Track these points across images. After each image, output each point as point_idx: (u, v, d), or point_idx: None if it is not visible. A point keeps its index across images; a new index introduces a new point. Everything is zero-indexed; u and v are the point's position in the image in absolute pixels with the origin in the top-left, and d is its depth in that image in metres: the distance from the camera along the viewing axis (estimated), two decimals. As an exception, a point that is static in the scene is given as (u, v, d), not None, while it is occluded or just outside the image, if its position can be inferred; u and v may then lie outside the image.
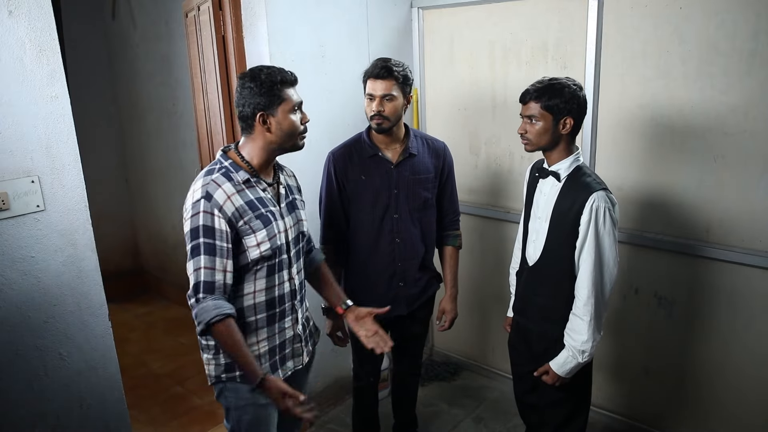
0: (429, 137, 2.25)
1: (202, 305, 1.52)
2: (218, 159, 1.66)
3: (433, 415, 2.87)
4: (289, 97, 1.62)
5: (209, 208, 1.54)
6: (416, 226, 2.18)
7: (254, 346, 1.68)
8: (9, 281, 1.76)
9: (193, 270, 1.55)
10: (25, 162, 1.76)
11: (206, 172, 1.62)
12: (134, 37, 3.95)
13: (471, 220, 2.98)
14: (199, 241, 1.53)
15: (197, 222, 1.54)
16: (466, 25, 2.77)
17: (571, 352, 1.85)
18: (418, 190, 2.15)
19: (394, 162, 2.12)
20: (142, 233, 4.53)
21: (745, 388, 2.30)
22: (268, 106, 1.59)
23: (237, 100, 1.63)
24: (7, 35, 1.68)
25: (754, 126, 2.08)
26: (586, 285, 1.80)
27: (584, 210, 1.77)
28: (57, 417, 1.92)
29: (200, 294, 1.53)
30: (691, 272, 2.34)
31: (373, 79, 2.02)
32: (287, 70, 1.64)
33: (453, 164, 2.29)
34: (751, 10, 2.01)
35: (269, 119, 1.61)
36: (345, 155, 2.15)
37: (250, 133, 1.64)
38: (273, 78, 1.60)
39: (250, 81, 1.60)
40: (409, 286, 2.23)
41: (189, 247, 1.56)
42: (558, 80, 1.81)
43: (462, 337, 3.23)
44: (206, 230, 1.54)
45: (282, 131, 1.62)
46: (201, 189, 1.56)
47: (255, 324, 1.68)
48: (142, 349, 3.62)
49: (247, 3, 2.41)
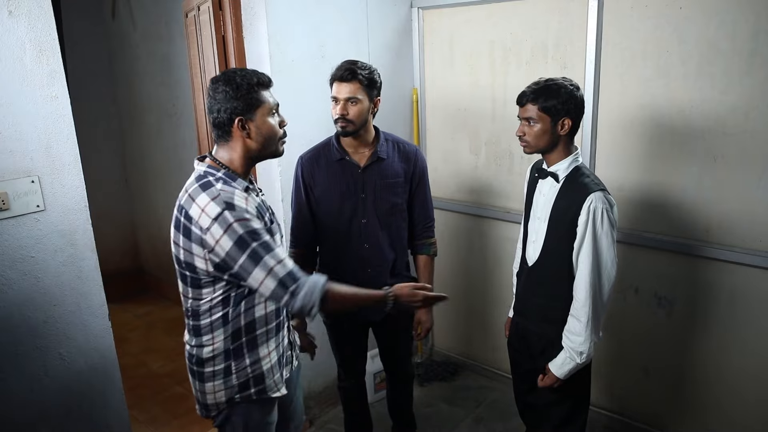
0: (401, 141, 2.20)
1: (301, 293, 1.46)
2: (206, 170, 1.54)
3: (433, 415, 2.86)
4: (267, 99, 1.54)
5: (238, 215, 1.45)
6: (385, 232, 2.15)
7: (264, 359, 1.63)
8: (9, 281, 1.76)
9: (266, 275, 1.45)
10: (25, 162, 1.76)
11: (203, 185, 1.49)
12: (134, 37, 3.95)
13: (471, 220, 2.98)
14: (252, 246, 1.44)
15: (236, 233, 1.43)
16: (466, 25, 2.77)
17: (569, 353, 1.85)
18: (386, 195, 2.12)
19: (361, 166, 2.09)
20: (142, 233, 4.53)
21: (745, 387, 2.30)
22: (246, 111, 1.51)
23: (210, 105, 1.52)
24: (7, 35, 1.68)
25: (754, 126, 2.08)
26: (583, 286, 1.80)
27: (582, 211, 1.77)
28: (57, 417, 1.92)
29: (290, 286, 1.46)
30: (691, 272, 2.34)
31: (338, 81, 1.99)
32: (261, 72, 1.56)
33: (426, 169, 2.23)
34: (751, 10, 2.01)
35: (248, 124, 1.52)
36: (313, 159, 2.11)
37: (227, 140, 1.55)
38: (249, 80, 1.51)
39: (224, 85, 1.50)
40: None
41: (245, 257, 1.44)
42: (554, 81, 1.80)
43: (462, 337, 3.23)
44: (251, 234, 1.45)
45: (262, 136, 1.55)
46: (215, 202, 1.45)
47: (266, 335, 1.63)
48: (142, 349, 3.62)
49: (247, 3, 2.41)
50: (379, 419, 2.71)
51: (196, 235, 1.47)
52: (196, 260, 1.50)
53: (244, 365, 1.60)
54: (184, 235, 1.50)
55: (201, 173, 1.54)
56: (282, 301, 1.48)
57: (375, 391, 2.92)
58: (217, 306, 1.56)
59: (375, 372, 2.90)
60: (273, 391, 1.66)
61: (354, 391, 2.43)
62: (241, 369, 1.60)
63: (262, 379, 1.63)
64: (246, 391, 1.61)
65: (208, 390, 1.61)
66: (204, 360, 1.59)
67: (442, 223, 3.12)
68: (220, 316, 1.56)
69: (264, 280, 1.46)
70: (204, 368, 1.60)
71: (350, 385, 2.41)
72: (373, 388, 2.91)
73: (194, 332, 1.62)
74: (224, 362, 1.59)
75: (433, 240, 2.28)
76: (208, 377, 1.60)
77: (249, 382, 1.61)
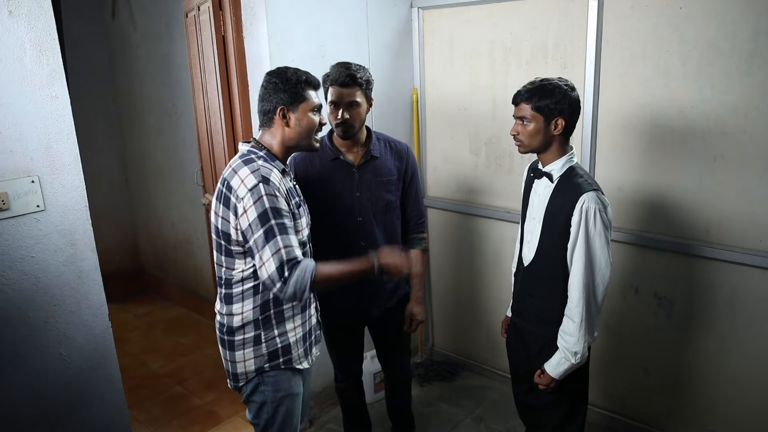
0: (391, 139, 2.22)
1: (292, 279, 1.53)
2: (249, 149, 1.69)
3: (433, 415, 2.86)
4: (311, 97, 1.69)
5: (270, 190, 1.57)
6: (380, 229, 2.16)
7: (291, 332, 1.73)
8: (9, 281, 1.76)
9: (271, 254, 1.53)
10: (25, 162, 1.76)
11: (246, 161, 1.63)
12: (134, 37, 3.95)
13: (471, 220, 2.98)
14: (271, 223, 1.54)
15: (263, 205, 1.55)
16: (466, 25, 2.77)
17: (563, 353, 1.84)
18: (381, 193, 2.13)
19: (355, 165, 2.10)
20: (142, 233, 4.52)
21: (745, 387, 2.30)
22: (290, 103, 1.66)
23: (261, 95, 1.69)
24: (7, 35, 1.68)
25: (754, 126, 2.08)
26: (577, 287, 1.79)
27: (574, 211, 1.76)
28: (57, 417, 1.92)
29: (286, 273, 1.53)
30: (691, 272, 2.34)
31: (338, 86, 1.99)
32: (313, 75, 1.71)
33: (416, 166, 2.26)
34: (751, 10, 2.01)
35: (289, 114, 1.67)
36: (306, 158, 2.11)
37: (269, 126, 1.70)
38: (299, 77, 1.67)
39: (276, 77, 1.67)
40: (378, 290, 2.20)
41: (261, 232, 1.54)
42: (549, 81, 1.80)
43: (462, 337, 3.24)
44: (275, 212, 1.56)
45: (300, 127, 1.69)
46: (254, 175, 1.58)
47: (292, 311, 1.73)
48: (142, 349, 3.62)
49: (247, 3, 2.41)
50: (379, 419, 2.71)
51: (233, 203, 1.59)
52: (231, 229, 1.61)
53: (273, 335, 1.70)
54: (224, 204, 1.62)
55: (244, 152, 1.69)
56: (275, 287, 1.55)
57: (374, 392, 2.92)
58: (249, 277, 1.67)
59: (374, 372, 2.90)
60: (298, 363, 1.76)
61: (351, 391, 2.44)
62: (270, 339, 1.70)
63: (289, 350, 1.73)
64: (275, 360, 1.71)
65: (238, 359, 1.70)
66: (234, 329, 1.68)
67: (442, 223, 3.12)
68: (251, 287, 1.67)
69: (268, 259, 1.54)
70: (234, 337, 1.69)
71: (347, 385, 2.41)
72: (373, 389, 2.91)
73: (225, 300, 1.72)
74: (254, 331, 1.68)
75: (425, 235, 2.31)
76: (238, 345, 1.69)
77: (278, 352, 1.71)
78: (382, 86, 2.12)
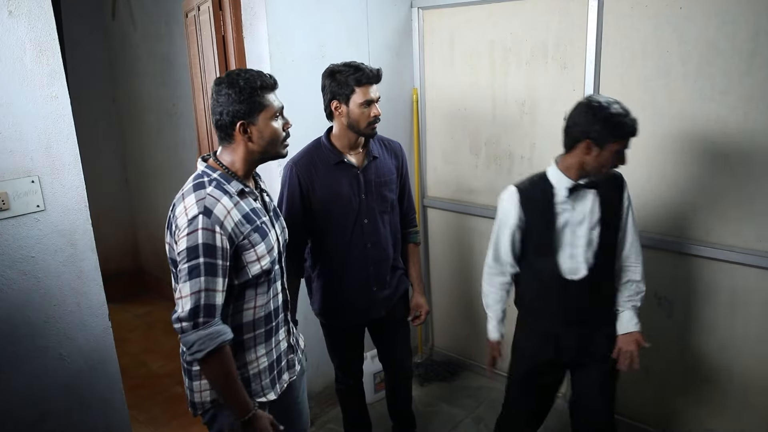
0: (384, 138, 2.22)
1: (204, 331, 1.42)
2: (203, 171, 1.53)
3: (433, 415, 2.87)
4: (271, 103, 1.52)
5: (209, 224, 1.42)
6: (386, 229, 2.16)
7: (253, 363, 1.61)
8: (9, 281, 1.76)
9: (190, 292, 1.41)
10: (25, 162, 1.76)
11: (196, 186, 1.49)
12: (134, 37, 3.95)
13: (470, 220, 2.98)
14: (199, 261, 1.41)
15: (196, 240, 1.41)
16: (466, 25, 2.77)
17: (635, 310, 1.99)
18: (384, 193, 2.13)
19: (359, 167, 2.09)
20: (142, 233, 4.53)
21: (745, 387, 2.30)
22: (248, 114, 1.48)
23: (213, 107, 1.50)
24: (7, 35, 1.68)
25: (754, 126, 2.08)
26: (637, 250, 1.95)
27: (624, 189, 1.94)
28: (57, 417, 1.92)
29: (200, 318, 1.41)
30: (691, 272, 2.34)
31: (371, 84, 2.00)
32: (266, 74, 1.53)
33: (407, 162, 2.30)
34: (751, 10, 2.01)
35: (250, 128, 1.50)
36: (309, 164, 2.05)
37: (229, 142, 1.53)
38: (252, 84, 1.48)
39: (227, 87, 1.48)
40: (383, 289, 2.20)
41: (186, 266, 1.41)
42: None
43: (462, 337, 3.23)
44: (207, 249, 1.41)
45: (264, 140, 1.52)
46: (197, 204, 1.43)
47: (253, 340, 1.60)
48: (142, 349, 3.63)
49: (247, 3, 2.41)
50: (379, 419, 2.71)
51: (174, 230, 1.49)
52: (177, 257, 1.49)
53: None
54: (169, 231, 1.52)
55: (199, 173, 1.54)
56: (181, 325, 1.43)
57: (375, 392, 2.92)
58: None
59: (374, 372, 2.90)
60: (258, 396, 1.63)
61: (352, 392, 2.44)
62: None
63: (247, 384, 1.60)
64: None
65: (195, 388, 1.61)
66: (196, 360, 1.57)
67: (442, 223, 3.12)
68: None
69: (187, 296, 1.42)
70: (192, 366, 1.59)
71: (348, 386, 2.41)
72: (373, 389, 2.91)
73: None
74: None
75: (418, 228, 2.39)
76: (195, 375, 1.60)
77: None
78: (382, 86, 2.12)
